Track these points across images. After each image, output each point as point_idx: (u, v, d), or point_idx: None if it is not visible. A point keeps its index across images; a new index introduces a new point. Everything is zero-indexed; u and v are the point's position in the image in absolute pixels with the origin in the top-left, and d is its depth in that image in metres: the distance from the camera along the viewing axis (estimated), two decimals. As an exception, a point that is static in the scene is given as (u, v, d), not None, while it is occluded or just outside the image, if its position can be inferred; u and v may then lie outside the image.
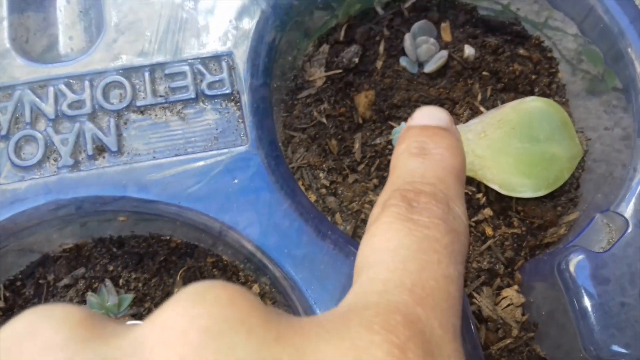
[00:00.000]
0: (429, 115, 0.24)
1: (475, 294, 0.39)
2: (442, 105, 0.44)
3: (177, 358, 0.14)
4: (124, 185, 0.34)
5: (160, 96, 0.37)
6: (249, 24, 0.39)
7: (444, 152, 0.23)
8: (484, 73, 0.44)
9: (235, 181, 0.35)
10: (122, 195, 0.34)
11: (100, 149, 0.35)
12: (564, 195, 0.42)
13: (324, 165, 0.41)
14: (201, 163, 0.35)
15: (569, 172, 0.40)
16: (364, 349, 0.15)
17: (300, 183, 0.41)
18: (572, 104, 0.46)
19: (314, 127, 0.42)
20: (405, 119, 0.42)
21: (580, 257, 0.34)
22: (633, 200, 0.36)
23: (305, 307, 0.32)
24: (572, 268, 0.34)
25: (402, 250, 0.19)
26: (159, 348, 0.15)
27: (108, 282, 0.37)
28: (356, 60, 0.44)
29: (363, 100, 0.43)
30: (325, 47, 0.45)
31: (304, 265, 0.33)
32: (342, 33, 0.45)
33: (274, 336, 0.15)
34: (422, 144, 0.23)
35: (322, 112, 0.43)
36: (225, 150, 0.35)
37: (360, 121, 0.43)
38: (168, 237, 0.39)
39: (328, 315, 0.17)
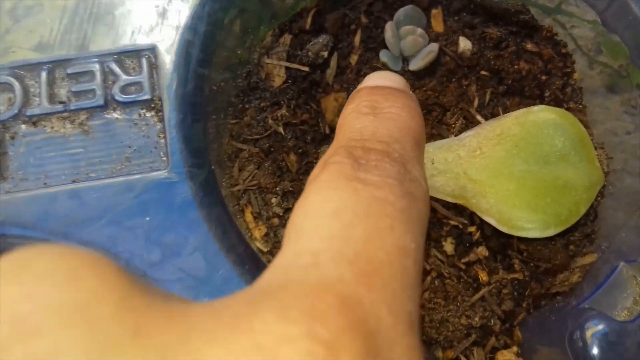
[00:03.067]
0: (381, 77, 0.22)
1: (463, 358, 0.31)
2: (429, 112, 0.36)
3: None
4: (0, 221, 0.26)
5: (60, 102, 0.29)
6: (180, 8, 0.30)
7: (400, 112, 0.20)
8: (483, 72, 0.38)
9: (148, 219, 0.27)
10: (-1, 233, 0.27)
11: (-28, 174, 0.27)
12: (578, 230, 0.34)
13: (278, 188, 0.34)
14: (106, 193, 0.27)
15: (586, 205, 0.32)
16: (271, 349, 0.11)
17: (248, 211, 0.33)
18: (589, 103, 0.40)
19: (268, 137, 0.35)
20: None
21: (599, 327, 0.27)
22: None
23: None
24: (588, 341, 0.27)
25: (344, 213, 0.15)
26: None
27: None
28: (325, 54, 0.37)
29: (332, 104, 0.37)
30: (287, 37, 0.37)
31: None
32: (309, 20, 0.38)
33: (131, 332, 0.11)
34: (373, 102, 0.20)
35: (279, 119, 0.35)
36: (139, 177, 0.28)
37: (328, 131, 0.37)
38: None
39: (229, 300, 0.13)
